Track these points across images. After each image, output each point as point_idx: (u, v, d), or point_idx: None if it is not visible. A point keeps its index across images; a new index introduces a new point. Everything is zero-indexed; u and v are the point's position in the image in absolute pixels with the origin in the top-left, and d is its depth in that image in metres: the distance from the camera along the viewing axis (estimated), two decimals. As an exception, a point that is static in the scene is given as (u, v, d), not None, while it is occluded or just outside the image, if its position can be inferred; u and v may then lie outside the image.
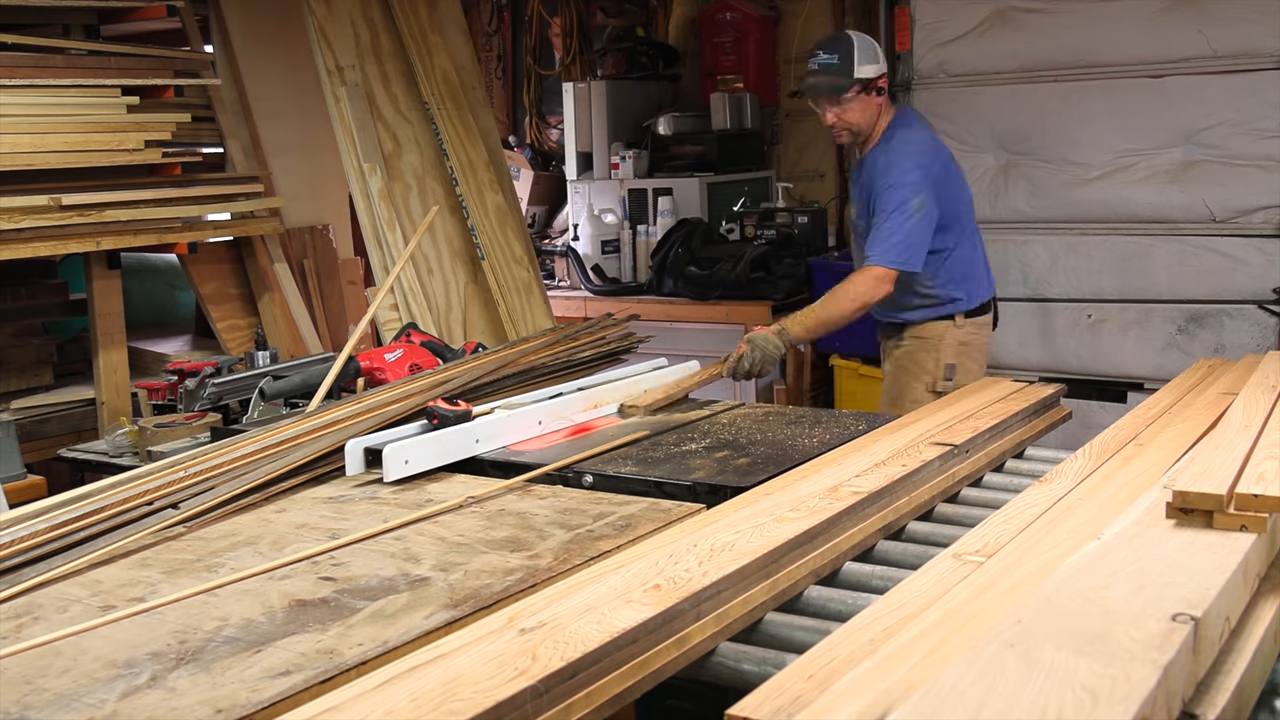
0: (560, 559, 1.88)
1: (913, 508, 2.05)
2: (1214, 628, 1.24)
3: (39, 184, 3.60)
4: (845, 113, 3.43)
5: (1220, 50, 4.80)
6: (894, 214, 3.32)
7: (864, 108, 3.43)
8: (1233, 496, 1.48)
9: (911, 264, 3.33)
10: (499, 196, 4.70)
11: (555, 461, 2.40)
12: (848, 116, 3.44)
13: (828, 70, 3.41)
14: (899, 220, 3.32)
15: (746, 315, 5.33)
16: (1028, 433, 2.56)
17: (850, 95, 3.39)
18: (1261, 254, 4.86)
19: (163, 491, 2.18)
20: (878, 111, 3.47)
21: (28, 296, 4.10)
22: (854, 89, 3.39)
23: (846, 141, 3.55)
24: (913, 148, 3.44)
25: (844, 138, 3.53)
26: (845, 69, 3.38)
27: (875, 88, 3.43)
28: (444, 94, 4.65)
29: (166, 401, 3.26)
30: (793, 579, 1.70)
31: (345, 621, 1.64)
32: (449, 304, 4.48)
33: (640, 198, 6.05)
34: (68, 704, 1.41)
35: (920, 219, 3.33)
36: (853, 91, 3.39)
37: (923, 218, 3.34)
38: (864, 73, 3.39)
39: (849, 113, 3.43)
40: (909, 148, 3.43)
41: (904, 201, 3.32)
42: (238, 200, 4.18)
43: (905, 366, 3.59)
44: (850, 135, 3.50)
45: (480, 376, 2.87)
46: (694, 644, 1.50)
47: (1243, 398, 2.20)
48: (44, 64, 3.72)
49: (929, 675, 1.16)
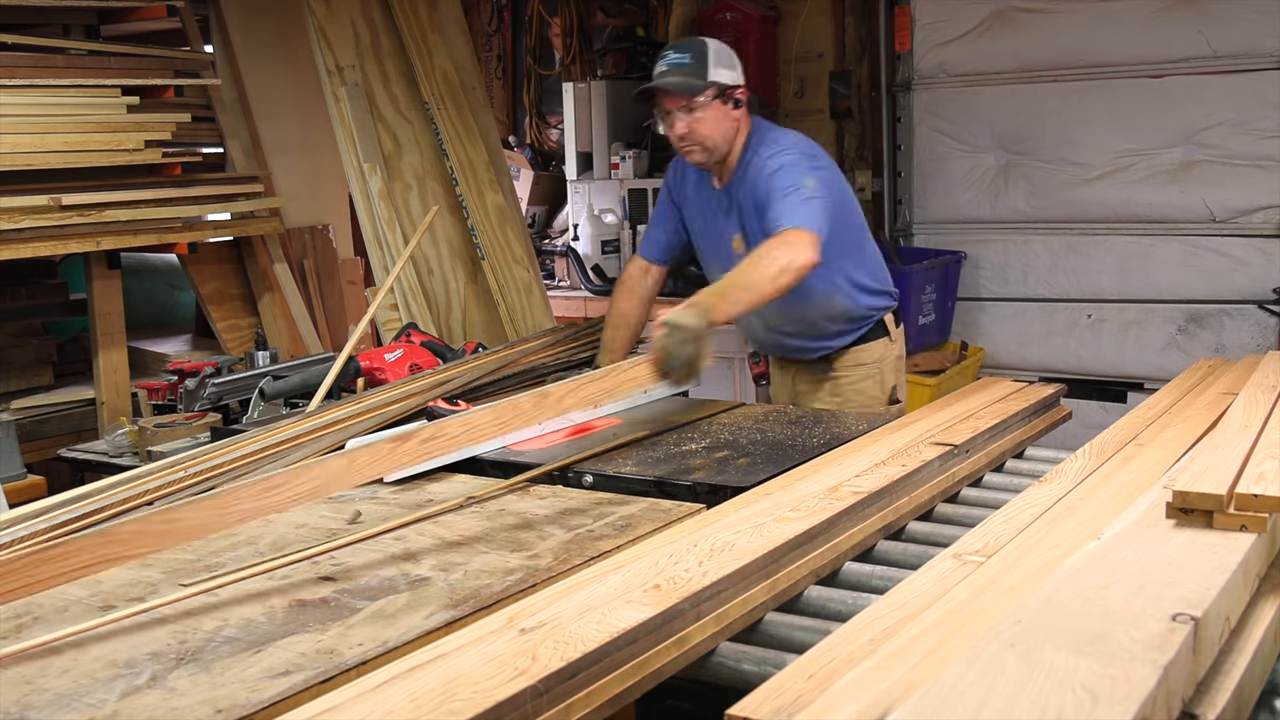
0: (560, 559, 1.88)
1: (913, 508, 2.05)
2: (1214, 628, 1.24)
3: (39, 184, 3.60)
4: (698, 122, 2.88)
5: (1220, 50, 4.80)
6: (793, 193, 2.77)
7: (719, 119, 2.89)
8: (1233, 496, 1.48)
9: (821, 228, 2.72)
10: (499, 196, 4.70)
11: (555, 461, 2.40)
12: (701, 128, 2.88)
13: (679, 69, 2.89)
14: (803, 195, 2.77)
15: (746, 315, 5.33)
16: (1028, 433, 2.56)
17: (703, 99, 2.86)
18: (1261, 254, 4.87)
19: (163, 491, 2.18)
20: (735, 128, 2.93)
21: (28, 296, 4.11)
22: (708, 92, 2.86)
23: (699, 160, 2.96)
24: (788, 145, 2.92)
25: (695, 155, 2.95)
26: (698, 69, 2.87)
27: (733, 98, 2.91)
28: (444, 94, 4.65)
29: (166, 401, 3.26)
30: (793, 579, 1.70)
31: (345, 621, 1.64)
32: (449, 304, 4.48)
33: (640, 198, 6.05)
34: (68, 704, 1.41)
35: (823, 194, 2.80)
36: (706, 95, 2.86)
37: (825, 192, 2.82)
38: (720, 77, 2.88)
39: (702, 123, 2.88)
40: (782, 141, 2.94)
41: (800, 179, 2.80)
42: (238, 200, 4.18)
43: (850, 400, 3.12)
44: (703, 152, 2.93)
45: (480, 376, 2.87)
46: (694, 644, 1.50)
47: (1243, 398, 2.20)
48: (44, 64, 3.72)
49: (929, 675, 1.16)
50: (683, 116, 2.89)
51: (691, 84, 2.87)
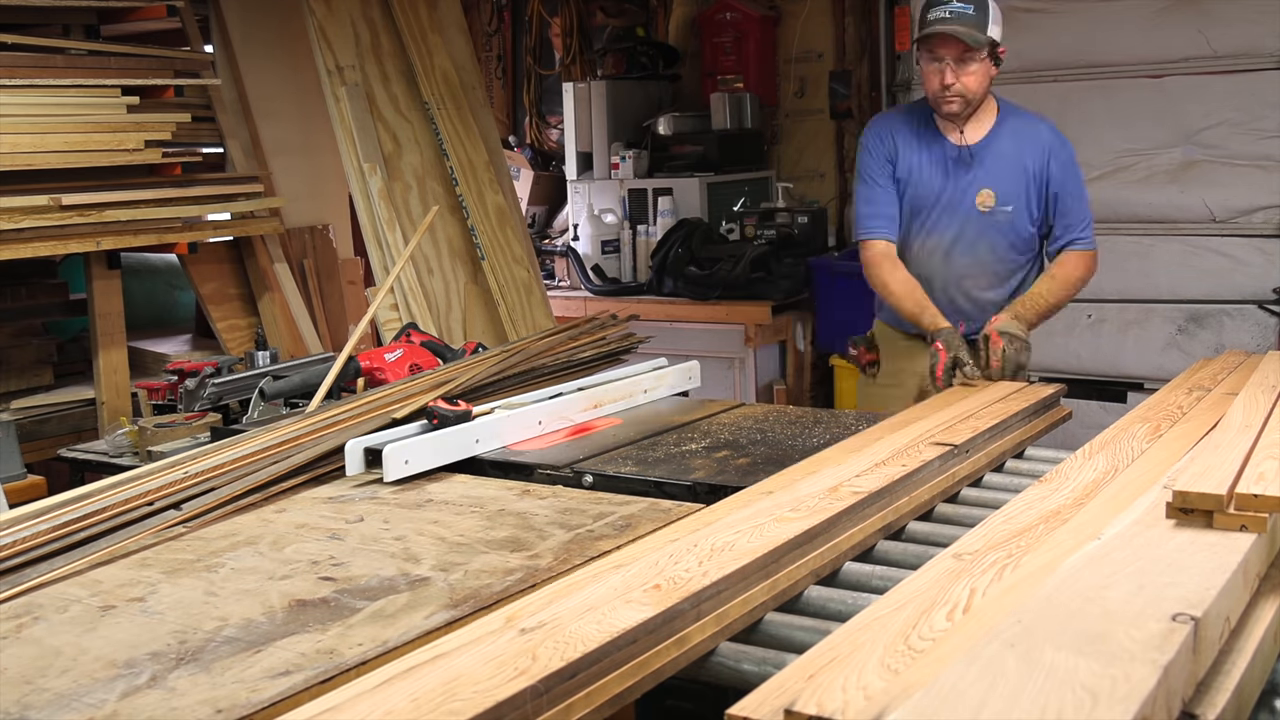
0: (560, 559, 1.88)
1: (913, 508, 2.05)
2: (1214, 628, 1.24)
3: (39, 184, 3.60)
4: (966, 74, 3.00)
5: (1220, 50, 4.80)
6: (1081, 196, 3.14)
7: (984, 74, 3.03)
8: (1233, 496, 1.48)
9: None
10: (499, 196, 4.71)
11: (555, 461, 2.40)
12: (967, 80, 3.00)
13: (961, 19, 2.95)
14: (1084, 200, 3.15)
15: (746, 315, 5.33)
16: (1028, 433, 2.56)
17: (981, 54, 2.99)
18: (1261, 254, 4.87)
19: (163, 491, 2.18)
20: (989, 85, 3.09)
21: (28, 296, 4.11)
22: (985, 48, 3.00)
23: (954, 111, 3.07)
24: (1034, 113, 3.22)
25: (954, 105, 3.06)
26: (981, 22, 2.97)
27: (996, 56, 3.06)
28: (444, 94, 4.65)
29: (166, 401, 3.26)
30: (793, 579, 1.70)
31: (345, 621, 1.64)
32: (449, 304, 4.48)
33: (640, 198, 6.05)
34: (68, 704, 1.41)
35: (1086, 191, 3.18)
36: (984, 51, 3.00)
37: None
38: (995, 33, 3.01)
39: (970, 75, 3.00)
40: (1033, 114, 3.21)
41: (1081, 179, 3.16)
42: (238, 200, 4.18)
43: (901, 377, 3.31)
44: (962, 103, 3.05)
45: (480, 376, 2.87)
46: (694, 644, 1.50)
47: (1243, 398, 2.20)
48: (44, 64, 3.72)
49: (929, 675, 1.16)
50: (954, 66, 2.99)
51: (976, 36, 2.96)
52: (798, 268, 5.50)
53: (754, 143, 6.27)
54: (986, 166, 3.14)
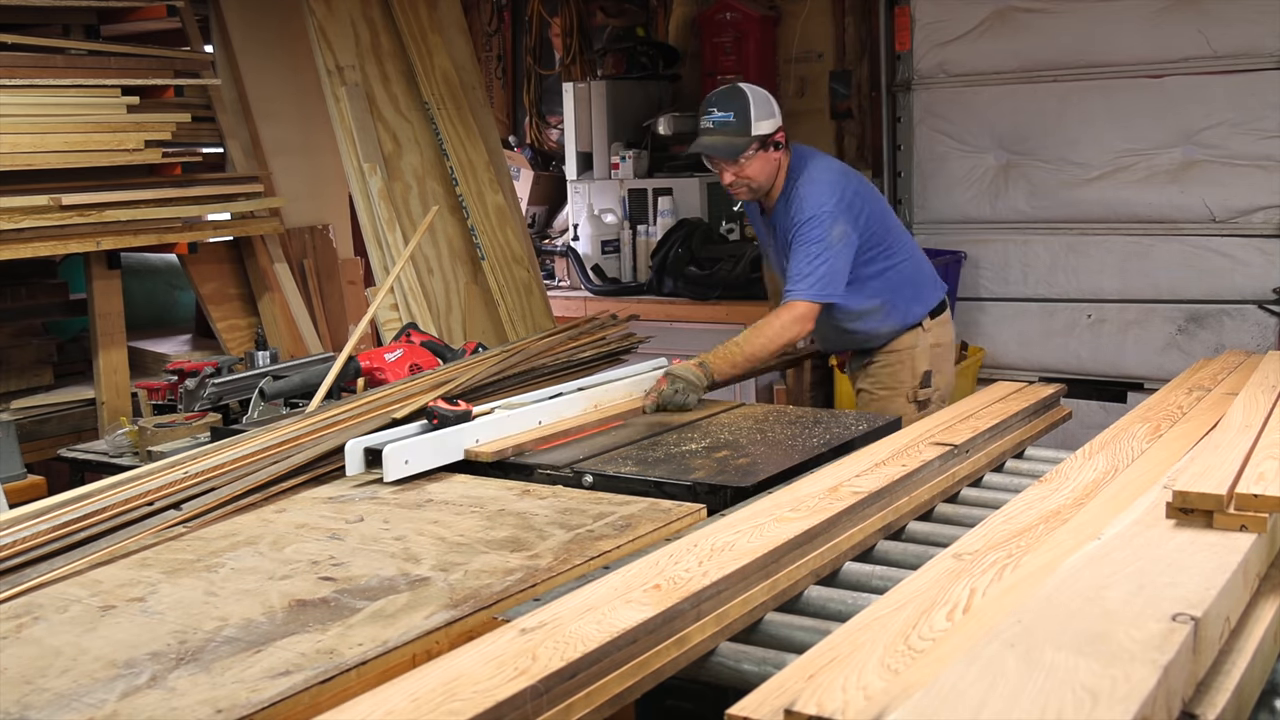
0: (560, 559, 1.88)
1: (913, 508, 2.05)
2: (1214, 628, 1.24)
3: (39, 184, 3.60)
4: (743, 170, 3.26)
5: (1220, 50, 4.80)
6: (813, 246, 3.20)
7: (763, 164, 3.27)
8: (1233, 496, 1.47)
9: (831, 295, 3.22)
10: (499, 196, 4.70)
11: (555, 462, 2.40)
12: (747, 173, 3.27)
13: (723, 129, 3.23)
14: (818, 252, 3.20)
15: (746, 315, 5.31)
16: (1028, 433, 2.56)
17: (749, 154, 3.23)
18: (1261, 254, 4.86)
19: (163, 492, 2.18)
20: (776, 166, 3.31)
21: (28, 296, 4.11)
22: (752, 146, 3.22)
23: (746, 198, 3.41)
24: (821, 179, 3.30)
25: (743, 194, 3.37)
26: (742, 127, 3.22)
27: (773, 143, 3.27)
28: (444, 94, 4.65)
29: (166, 401, 3.26)
30: (793, 579, 1.70)
31: (345, 621, 1.64)
32: (449, 304, 4.48)
33: (640, 198, 6.05)
34: (68, 704, 1.41)
35: (841, 248, 3.22)
36: (751, 149, 3.23)
37: (843, 247, 3.23)
38: (761, 129, 3.23)
39: (747, 170, 3.26)
40: (818, 181, 3.29)
41: (824, 234, 3.21)
42: (238, 200, 4.18)
43: (882, 383, 3.50)
44: (750, 192, 3.34)
45: (480, 376, 2.87)
46: (694, 644, 1.50)
47: (1243, 398, 2.20)
48: (44, 64, 3.72)
49: (929, 675, 1.16)
50: (729, 168, 3.27)
51: (734, 145, 3.23)
52: (798, 268, 5.50)
53: (754, 143, 6.25)
54: (778, 238, 3.41)
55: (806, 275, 3.19)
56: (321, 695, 1.43)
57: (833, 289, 3.21)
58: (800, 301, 3.18)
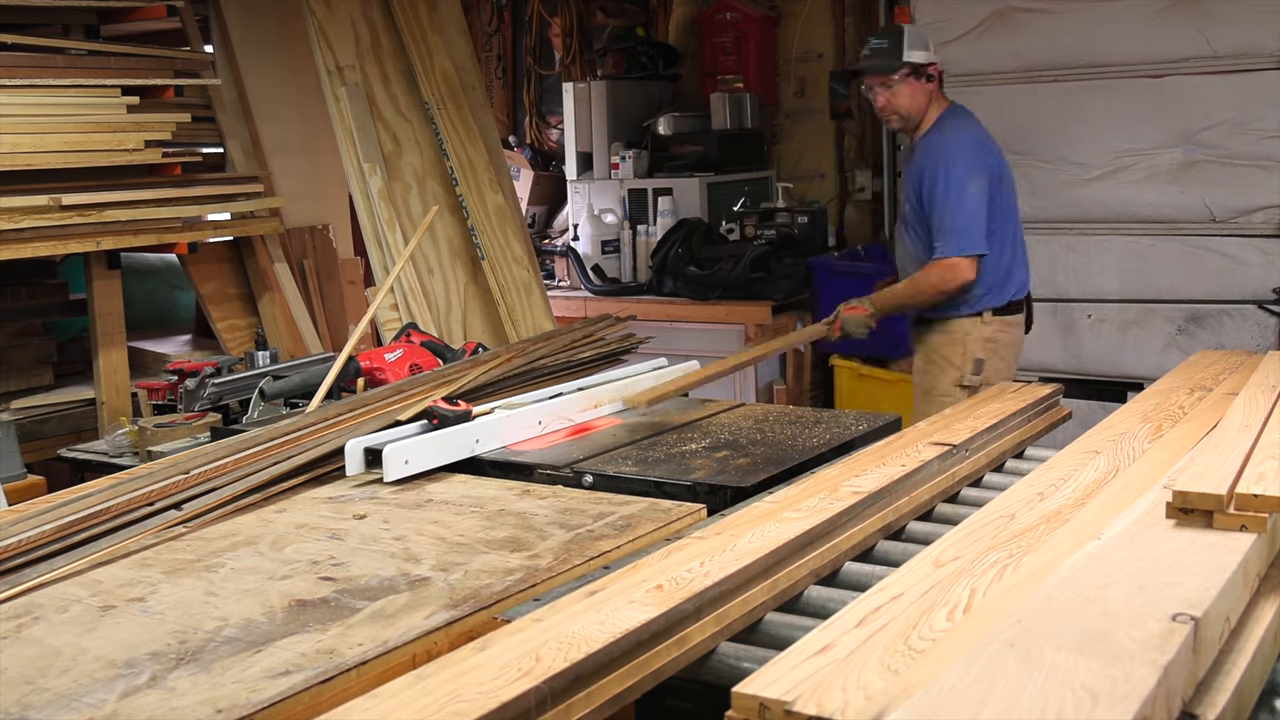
0: (560, 559, 1.88)
1: (913, 508, 2.05)
2: (1214, 628, 1.24)
3: (39, 184, 3.60)
4: (895, 96, 3.52)
5: (1220, 50, 4.80)
6: (953, 197, 3.42)
7: (913, 93, 3.52)
8: (1233, 496, 1.47)
9: (978, 246, 3.42)
10: (499, 196, 4.70)
11: (555, 461, 2.40)
12: (897, 100, 3.53)
13: (878, 53, 3.53)
14: (958, 204, 3.41)
15: (746, 315, 5.33)
16: (1027, 433, 2.56)
17: (898, 78, 3.50)
18: (1261, 254, 4.86)
19: (163, 492, 2.18)
20: (927, 99, 3.56)
21: (28, 296, 4.11)
22: (903, 71, 3.49)
23: (896, 127, 3.66)
24: (967, 135, 3.54)
25: (893, 122, 3.62)
26: (894, 52, 3.49)
27: (925, 74, 3.53)
28: (444, 94, 4.65)
29: (166, 401, 3.26)
30: (793, 579, 1.70)
31: (345, 621, 1.64)
32: (449, 304, 4.48)
33: (640, 198, 6.05)
34: (68, 704, 1.41)
35: (978, 198, 3.43)
36: (901, 74, 3.50)
37: (979, 197, 3.43)
38: (913, 57, 3.50)
39: (898, 96, 3.52)
40: (963, 135, 3.54)
41: (962, 183, 3.43)
42: (238, 200, 4.18)
43: (933, 360, 3.66)
44: (899, 120, 3.59)
45: (480, 376, 2.87)
46: (694, 644, 1.50)
47: (1243, 398, 2.20)
48: (44, 64, 3.72)
49: (929, 675, 1.16)
50: (881, 91, 3.55)
51: (887, 64, 3.51)
52: (798, 268, 5.50)
53: (754, 143, 6.26)
54: (910, 170, 3.67)
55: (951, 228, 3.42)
56: (321, 695, 1.43)
57: (977, 240, 3.42)
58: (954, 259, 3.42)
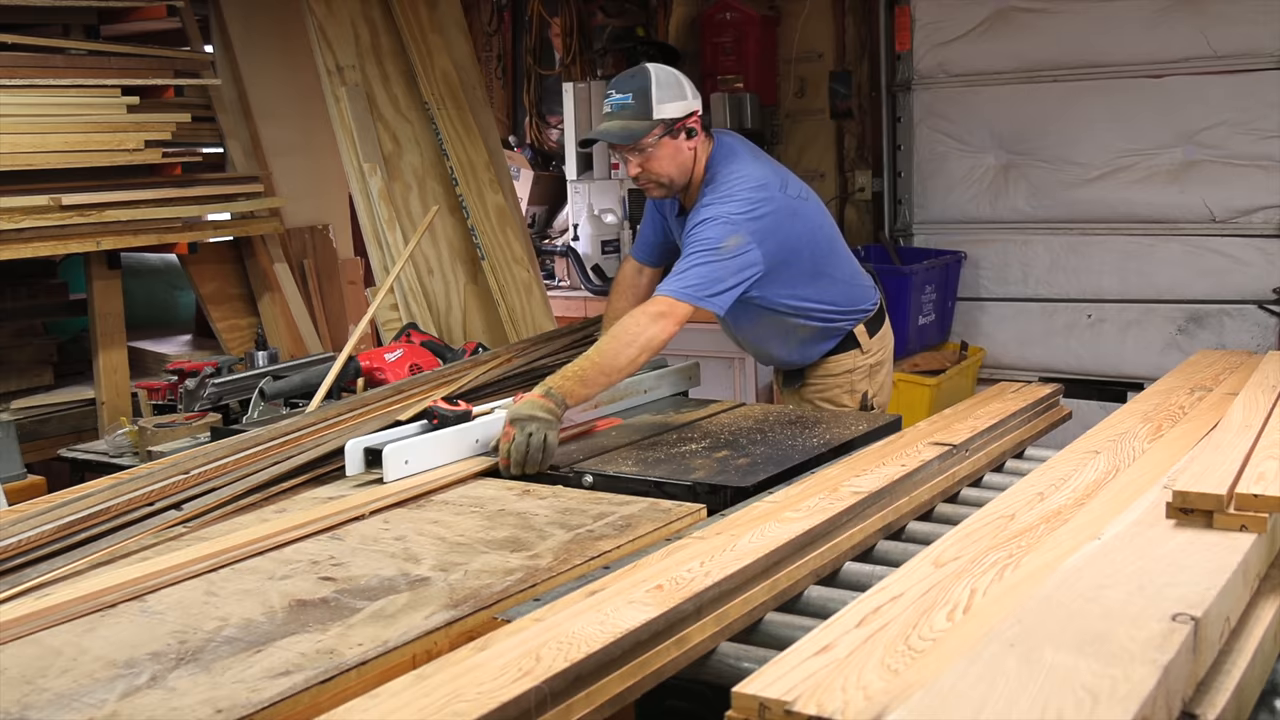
0: (560, 559, 1.88)
1: (913, 508, 2.05)
2: (1214, 628, 1.24)
3: (39, 184, 3.60)
4: (649, 160, 2.81)
5: (1220, 50, 4.80)
6: (700, 247, 2.72)
7: (673, 154, 2.82)
8: (1233, 496, 1.47)
9: (705, 301, 2.68)
10: (499, 196, 4.70)
11: (555, 461, 2.40)
12: (653, 165, 2.82)
13: (622, 113, 2.80)
14: (705, 257, 2.70)
15: (746, 315, 5.32)
16: (1027, 433, 2.56)
17: (651, 140, 2.78)
18: (1261, 254, 4.87)
19: (163, 492, 2.18)
20: (692, 157, 2.86)
21: (28, 296, 4.11)
22: (654, 132, 2.77)
23: (659, 196, 2.95)
24: (739, 184, 2.82)
25: (654, 193, 2.92)
26: (642, 110, 2.77)
27: (683, 129, 2.82)
28: (444, 94, 4.64)
29: (166, 401, 3.26)
30: (793, 579, 1.70)
31: (345, 621, 1.64)
32: (449, 304, 4.48)
33: (640, 198, 6.01)
34: (68, 704, 1.41)
35: (730, 260, 2.71)
36: (654, 135, 2.77)
37: (734, 259, 2.72)
38: (665, 112, 2.78)
39: (654, 160, 2.81)
40: (734, 184, 2.82)
41: (717, 238, 2.72)
42: (238, 200, 4.18)
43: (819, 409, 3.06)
44: (661, 189, 2.89)
45: (480, 376, 2.87)
46: (694, 644, 1.50)
47: (1243, 398, 2.20)
48: (44, 64, 3.72)
49: (929, 675, 1.16)
50: (633, 158, 2.83)
51: (633, 130, 2.78)
52: (798, 268, 5.49)
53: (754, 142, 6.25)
54: None
55: (682, 273, 2.70)
56: (321, 695, 1.43)
57: (708, 294, 2.68)
58: (664, 297, 2.67)
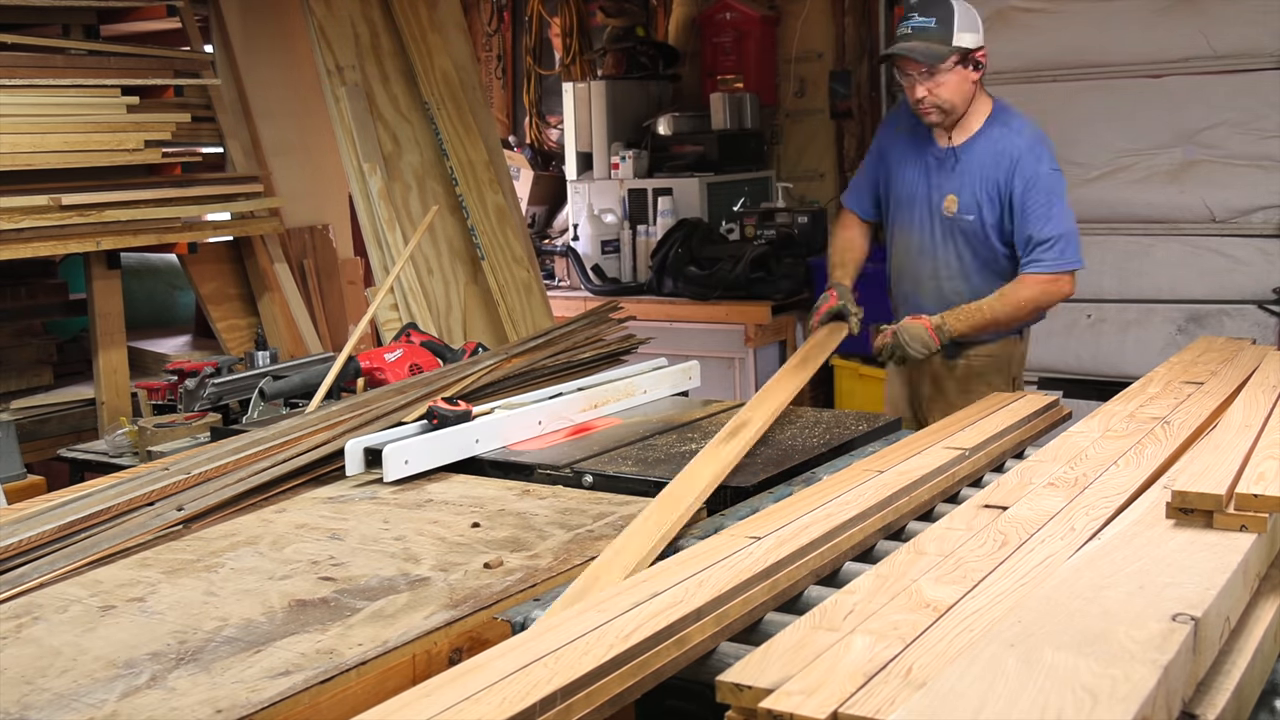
0: (560, 559, 1.88)
1: (913, 508, 2.05)
2: (1214, 628, 1.24)
3: (39, 184, 3.60)
4: (938, 86, 3.01)
5: (1220, 50, 4.80)
6: (1056, 204, 3.01)
7: (960, 82, 3.02)
8: (1232, 496, 1.47)
9: (1079, 260, 3.04)
10: (499, 196, 4.70)
11: (555, 461, 2.40)
12: (941, 91, 3.02)
13: (923, 35, 2.98)
14: (1061, 212, 3.02)
15: (746, 315, 5.33)
16: (1027, 433, 2.56)
17: (947, 65, 2.98)
18: (1261, 254, 4.86)
19: (164, 492, 2.18)
20: (973, 90, 3.08)
21: (28, 296, 4.11)
22: (952, 58, 2.98)
23: (934, 121, 3.10)
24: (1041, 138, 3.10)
25: (932, 116, 3.08)
26: (944, 34, 2.97)
27: (974, 61, 3.04)
28: (444, 94, 4.65)
29: (166, 401, 3.26)
30: (793, 579, 1.70)
31: (345, 621, 1.64)
32: (449, 304, 4.48)
33: (640, 198, 6.05)
34: (68, 704, 1.41)
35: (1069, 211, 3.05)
36: (950, 61, 2.98)
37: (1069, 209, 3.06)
38: (964, 41, 2.99)
39: (943, 86, 3.01)
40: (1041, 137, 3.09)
41: (1059, 189, 3.03)
42: (238, 200, 4.18)
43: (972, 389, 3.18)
44: (939, 113, 3.08)
45: (480, 377, 2.87)
46: (694, 644, 1.50)
47: (1243, 397, 2.20)
48: (44, 64, 3.72)
49: (929, 675, 1.16)
50: (923, 81, 3.02)
51: (937, 51, 2.98)
52: (798, 268, 5.50)
53: (754, 143, 6.26)
54: (959, 172, 3.14)
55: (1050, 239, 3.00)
56: (321, 695, 1.43)
57: (1076, 258, 3.04)
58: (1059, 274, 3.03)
